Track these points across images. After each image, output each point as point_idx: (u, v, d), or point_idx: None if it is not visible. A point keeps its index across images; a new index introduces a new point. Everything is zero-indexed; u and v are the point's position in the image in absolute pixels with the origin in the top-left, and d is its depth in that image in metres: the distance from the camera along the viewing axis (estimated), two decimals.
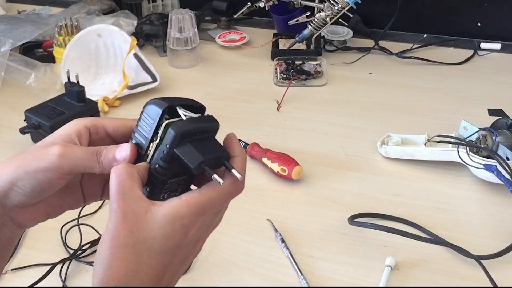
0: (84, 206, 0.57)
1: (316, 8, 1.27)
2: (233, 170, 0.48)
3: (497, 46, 1.35)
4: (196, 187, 0.50)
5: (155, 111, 0.48)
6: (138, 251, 0.46)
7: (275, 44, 1.37)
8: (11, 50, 1.22)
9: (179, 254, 0.48)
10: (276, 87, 1.23)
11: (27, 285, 0.75)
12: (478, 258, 0.76)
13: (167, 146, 0.47)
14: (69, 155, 0.48)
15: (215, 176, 0.47)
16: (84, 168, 0.50)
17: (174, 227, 0.46)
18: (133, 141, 0.50)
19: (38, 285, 0.75)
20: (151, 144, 0.49)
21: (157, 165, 0.48)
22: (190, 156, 0.47)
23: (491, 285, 0.74)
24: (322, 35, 1.34)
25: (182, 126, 0.47)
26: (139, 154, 0.50)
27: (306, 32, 1.28)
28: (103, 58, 1.24)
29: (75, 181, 0.54)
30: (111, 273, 0.45)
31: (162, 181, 0.50)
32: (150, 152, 0.49)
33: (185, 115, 0.48)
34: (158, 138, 0.49)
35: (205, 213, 0.48)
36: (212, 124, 0.50)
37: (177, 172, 0.50)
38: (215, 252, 0.81)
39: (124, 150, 0.49)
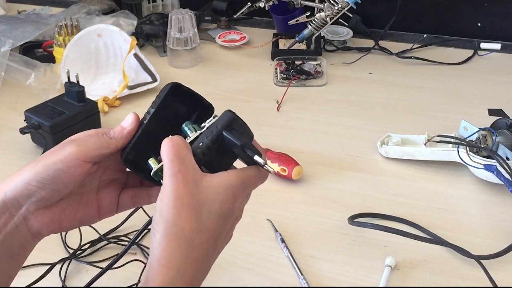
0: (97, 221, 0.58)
1: (316, 8, 1.27)
2: (265, 166, 0.52)
3: (497, 46, 1.36)
4: None
5: (165, 88, 0.55)
6: (199, 212, 0.49)
7: (275, 44, 1.37)
8: (11, 50, 1.23)
9: (229, 222, 0.52)
10: (276, 87, 1.23)
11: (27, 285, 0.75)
12: (478, 258, 0.76)
13: (218, 126, 0.52)
14: (84, 143, 0.52)
15: (257, 157, 0.52)
16: (101, 149, 0.52)
17: (227, 194, 0.50)
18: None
19: (37, 284, 0.75)
20: (194, 133, 0.54)
21: (200, 143, 0.52)
22: (238, 136, 0.52)
23: (491, 285, 0.74)
24: (322, 35, 1.34)
25: (235, 114, 0.54)
26: None
27: (306, 32, 1.28)
28: (103, 58, 1.24)
29: (91, 191, 0.56)
30: (176, 230, 0.48)
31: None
32: (190, 138, 0.54)
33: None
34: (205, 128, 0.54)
35: (247, 187, 0.52)
36: (250, 131, 0.55)
37: (212, 160, 0.53)
38: None
39: (129, 117, 0.53)
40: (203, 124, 0.55)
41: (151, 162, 0.54)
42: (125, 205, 0.58)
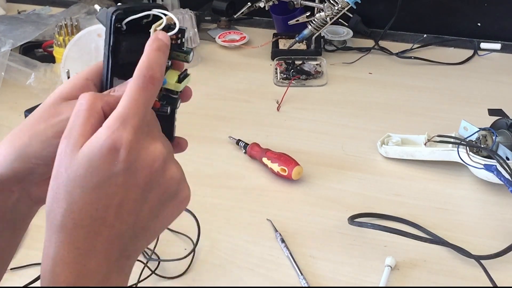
0: None
1: (316, 8, 1.27)
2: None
3: (497, 46, 1.35)
4: None
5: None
6: (71, 189, 0.41)
7: (275, 44, 1.37)
8: (11, 50, 1.23)
9: (117, 180, 0.41)
10: (276, 87, 1.22)
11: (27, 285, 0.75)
12: (478, 258, 0.76)
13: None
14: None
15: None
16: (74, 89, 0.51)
17: (100, 156, 0.40)
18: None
19: (36, 284, 0.75)
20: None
21: None
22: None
23: (491, 285, 0.74)
24: (322, 35, 1.34)
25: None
26: None
27: (306, 32, 1.28)
28: None
29: None
30: (52, 216, 0.42)
31: None
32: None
33: None
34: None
35: (128, 120, 0.41)
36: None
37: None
38: (215, 252, 0.81)
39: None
40: None
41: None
42: None
